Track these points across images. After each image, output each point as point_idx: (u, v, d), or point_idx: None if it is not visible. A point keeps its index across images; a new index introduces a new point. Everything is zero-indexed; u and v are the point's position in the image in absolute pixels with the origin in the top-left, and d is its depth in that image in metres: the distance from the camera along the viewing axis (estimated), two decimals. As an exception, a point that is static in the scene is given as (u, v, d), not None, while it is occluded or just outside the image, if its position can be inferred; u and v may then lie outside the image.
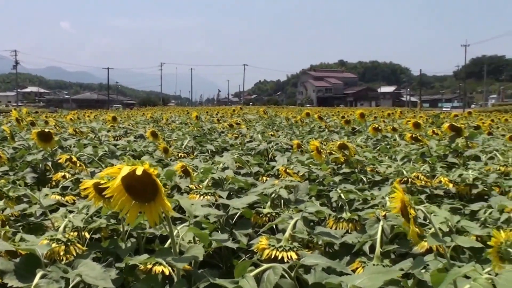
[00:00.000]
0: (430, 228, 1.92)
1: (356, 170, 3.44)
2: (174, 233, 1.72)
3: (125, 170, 1.39)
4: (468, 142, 4.22)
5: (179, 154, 4.28)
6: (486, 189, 3.14)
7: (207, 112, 20.78)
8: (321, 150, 3.33)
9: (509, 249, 1.53)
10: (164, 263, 1.65)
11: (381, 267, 1.76)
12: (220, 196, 2.55)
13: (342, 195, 2.58)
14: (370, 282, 1.44)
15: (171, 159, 4.10)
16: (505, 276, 1.16)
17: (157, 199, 1.47)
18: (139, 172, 1.37)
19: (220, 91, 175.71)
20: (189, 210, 1.72)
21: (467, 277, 1.29)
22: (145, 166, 1.41)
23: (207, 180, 2.75)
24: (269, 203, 2.45)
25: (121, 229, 2.10)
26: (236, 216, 2.43)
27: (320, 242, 2.20)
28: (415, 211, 1.64)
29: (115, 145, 4.40)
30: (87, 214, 2.18)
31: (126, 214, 1.48)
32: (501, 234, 1.61)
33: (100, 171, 2.81)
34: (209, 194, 2.54)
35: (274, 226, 2.30)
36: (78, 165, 3.14)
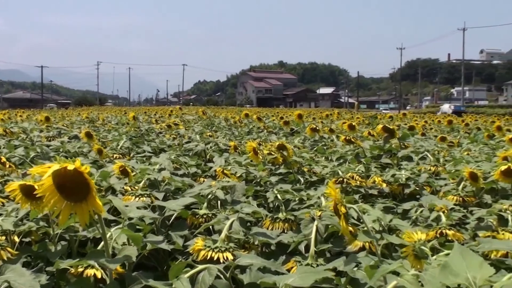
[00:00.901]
0: (363, 227, 1.96)
1: (293, 171, 3.47)
2: (108, 235, 1.69)
3: (55, 167, 1.36)
4: (402, 143, 4.33)
5: (115, 155, 4.21)
6: (417, 188, 3.23)
7: (145, 112, 20.54)
8: (258, 151, 3.35)
9: (423, 248, 1.58)
10: (96, 265, 1.63)
11: (312, 266, 1.78)
12: (156, 198, 2.53)
13: (278, 195, 2.60)
14: (301, 281, 1.46)
15: (106, 160, 4.02)
16: (430, 272, 1.20)
17: (89, 198, 1.44)
18: (70, 168, 1.35)
19: (159, 91, 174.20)
20: (123, 210, 1.70)
21: (397, 274, 1.32)
22: (77, 164, 1.38)
23: (143, 181, 2.73)
24: (205, 204, 2.44)
25: (52, 232, 2.06)
26: (173, 218, 2.42)
27: (256, 243, 2.21)
28: (346, 209, 1.67)
29: (48, 146, 4.29)
30: (16, 217, 2.12)
31: (58, 215, 1.45)
32: (414, 234, 1.67)
33: (32, 173, 2.74)
34: (145, 195, 2.52)
35: (210, 227, 2.30)
36: (7, 166, 3.05)
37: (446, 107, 56.40)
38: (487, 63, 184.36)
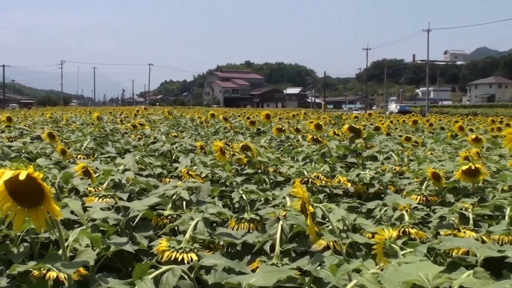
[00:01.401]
0: (328, 226, 1.97)
1: (259, 171, 3.47)
2: (71, 238, 1.67)
3: (7, 175, 1.33)
4: (367, 143, 4.37)
5: (78, 156, 4.15)
6: (382, 188, 3.26)
7: (110, 112, 20.34)
8: (225, 151, 3.34)
9: (393, 245, 1.60)
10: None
11: (277, 266, 1.79)
12: (120, 198, 2.51)
13: (244, 195, 2.60)
14: (264, 280, 1.47)
15: (69, 161, 3.96)
16: (389, 271, 1.22)
17: (44, 203, 1.42)
18: (22, 177, 1.32)
19: (124, 91, 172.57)
20: (80, 213, 1.68)
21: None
22: (29, 170, 1.36)
23: (106, 182, 2.70)
24: (170, 204, 2.43)
25: (13, 235, 2.02)
26: (137, 219, 2.39)
27: (221, 243, 2.21)
28: (313, 208, 1.68)
29: (9, 147, 4.21)
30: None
31: (13, 220, 1.42)
32: (385, 232, 1.69)
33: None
34: (109, 196, 2.49)
35: (176, 228, 2.29)
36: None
37: (393, 107, 59.76)
38: (451, 64, 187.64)
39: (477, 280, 1.25)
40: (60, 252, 1.67)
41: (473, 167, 2.80)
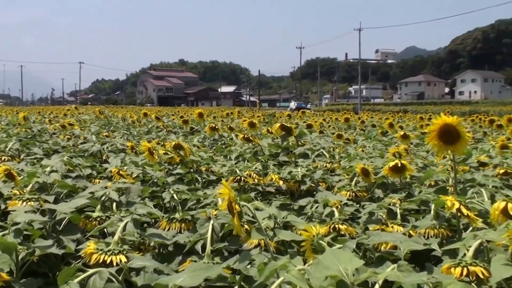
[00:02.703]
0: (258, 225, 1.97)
1: (192, 170, 3.45)
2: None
3: None
4: (299, 141, 4.41)
5: (3, 158, 4.00)
6: (313, 185, 3.29)
7: (39, 112, 19.76)
8: (153, 151, 3.30)
9: (321, 242, 1.62)
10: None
11: (202, 264, 1.78)
12: (46, 201, 2.43)
13: (175, 195, 2.58)
14: (191, 280, 1.46)
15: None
16: (314, 266, 1.23)
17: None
18: None
19: (54, 90, 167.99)
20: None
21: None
22: None
23: (31, 184, 2.62)
24: (99, 206, 2.38)
25: None
26: (65, 221, 2.33)
27: (152, 244, 2.18)
28: (240, 207, 1.68)
29: None
30: None
31: None
32: (312, 228, 1.71)
33: None
34: (33, 199, 2.41)
35: (105, 230, 2.24)
36: None
37: (292, 104, 64.46)
38: (382, 63, 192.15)
39: (401, 273, 1.28)
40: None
41: (399, 164, 2.86)
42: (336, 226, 2.20)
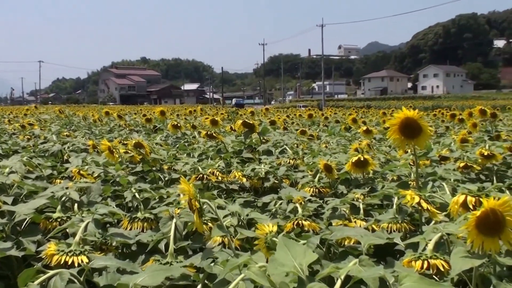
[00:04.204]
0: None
1: (154, 169, 3.42)
2: None
3: None
4: (262, 137, 4.41)
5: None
6: (277, 181, 3.30)
7: (-2, 112, 19.40)
8: (114, 150, 3.26)
9: (274, 239, 1.62)
10: None
11: (163, 264, 1.77)
12: (4, 202, 2.38)
13: (136, 194, 2.55)
14: (151, 279, 1.45)
15: None
16: (270, 263, 1.23)
17: None
18: None
19: (13, 90, 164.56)
20: None
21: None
22: None
23: (-13, 186, 2.56)
24: (59, 206, 2.34)
25: None
26: (25, 223, 2.29)
27: (114, 244, 2.16)
28: (200, 204, 1.67)
29: None
30: None
31: None
32: (266, 226, 1.71)
33: None
34: (-10, 201, 2.36)
35: (66, 230, 2.21)
36: None
37: (234, 101, 68.23)
38: (345, 58, 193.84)
39: (362, 268, 1.29)
40: None
41: (362, 159, 2.89)
42: (300, 222, 2.20)
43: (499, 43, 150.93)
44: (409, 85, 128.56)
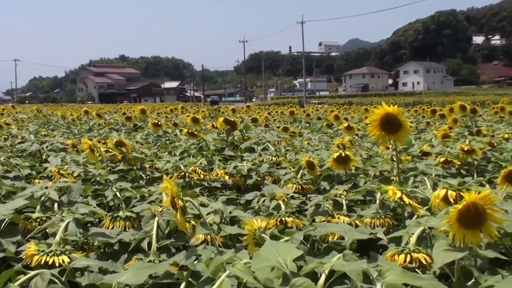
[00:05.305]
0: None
1: (135, 167, 3.40)
2: None
3: None
4: (244, 135, 4.40)
5: None
6: (259, 179, 3.30)
7: (-27, 112, 19.15)
8: (94, 149, 3.23)
9: (263, 235, 1.62)
10: None
11: (154, 262, 1.75)
12: (-17, 203, 2.35)
13: (118, 193, 2.53)
14: (135, 278, 1.44)
15: None
16: (255, 258, 1.23)
17: None
18: None
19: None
20: None
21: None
22: None
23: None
24: (39, 206, 2.32)
25: None
26: (5, 224, 2.26)
27: (96, 243, 2.14)
28: (183, 202, 1.66)
29: None
30: None
31: None
32: (254, 222, 1.70)
33: None
34: (-31, 202, 2.33)
35: (47, 231, 2.18)
36: None
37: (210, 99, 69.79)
38: (326, 55, 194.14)
39: (346, 262, 1.30)
40: None
41: (343, 155, 2.89)
42: (283, 219, 2.20)
43: (478, 39, 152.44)
44: (390, 81, 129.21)
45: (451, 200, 1.78)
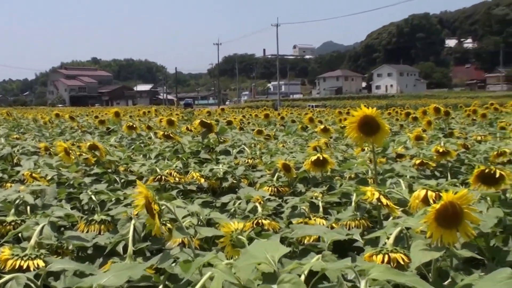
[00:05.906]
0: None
1: (109, 171, 3.38)
2: None
3: None
4: (219, 138, 4.40)
5: None
6: (235, 181, 3.29)
7: None
8: (70, 151, 3.19)
9: (240, 237, 1.62)
10: None
11: (127, 263, 1.74)
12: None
13: (93, 196, 2.51)
14: (116, 279, 1.43)
15: None
16: (242, 255, 1.24)
17: None
18: None
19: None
20: None
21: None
22: None
23: None
24: (13, 210, 2.29)
25: None
26: (-22, 229, 2.22)
27: (70, 247, 2.11)
28: (159, 207, 1.65)
29: None
30: None
31: None
32: (231, 224, 1.70)
33: None
34: None
35: (20, 235, 2.15)
36: None
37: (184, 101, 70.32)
38: (300, 58, 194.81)
39: (325, 263, 1.30)
40: None
41: (321, 157, 2.90)
42: (260, 221, 2.20)
43: (451, 43, 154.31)
44: (364, 84, 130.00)
45: (431, 201, 1.80)
